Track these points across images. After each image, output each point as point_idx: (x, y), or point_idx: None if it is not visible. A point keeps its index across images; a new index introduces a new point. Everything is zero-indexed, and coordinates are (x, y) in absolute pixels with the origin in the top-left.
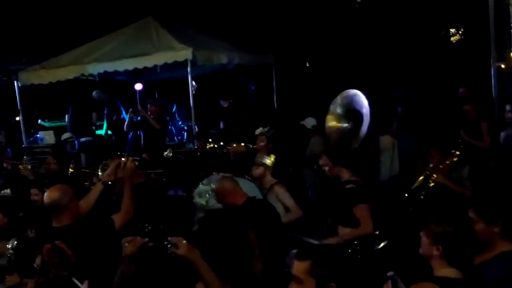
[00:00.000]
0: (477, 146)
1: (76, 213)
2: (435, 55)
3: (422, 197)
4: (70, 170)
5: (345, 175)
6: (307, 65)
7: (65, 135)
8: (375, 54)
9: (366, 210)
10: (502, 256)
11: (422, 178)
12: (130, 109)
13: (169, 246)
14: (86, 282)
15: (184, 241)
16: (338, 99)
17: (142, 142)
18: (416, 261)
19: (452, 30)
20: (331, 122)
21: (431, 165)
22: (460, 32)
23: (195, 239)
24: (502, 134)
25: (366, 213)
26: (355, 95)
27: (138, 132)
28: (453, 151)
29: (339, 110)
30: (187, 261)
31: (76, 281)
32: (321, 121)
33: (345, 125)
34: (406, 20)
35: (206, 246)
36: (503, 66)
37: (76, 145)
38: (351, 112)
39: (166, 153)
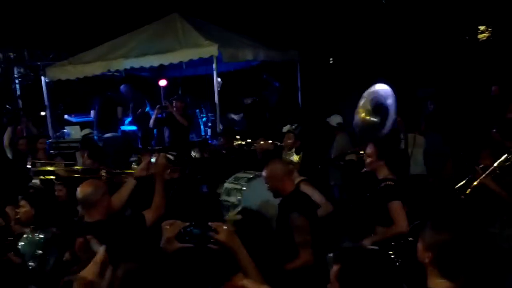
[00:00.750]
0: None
1: (108, 209)
2: (464, 53)
3: (462, 197)
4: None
5: (385, 171)
6: (331, 61)
7: (85, 131)
8: (401, 51)
9: (400, 208)
10: None
11: (469, 179)
12: (158, 106)
13: (209, 231)
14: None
15: (225, 227)
16: (365, 94)
17: (166, 138)
18: None
19: (482, 28)
20: (362, 115)
21: (481, 166)
22: (489, 30)
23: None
24: None
25: (400, 211)
26: (380, 89)
27: (163, 128)
28: (507, 155)
29: (368, 105)
30: (227, 248)
31: None
32: (346, 118)
33: (374, 119)
34: (434, 17)
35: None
36: None
37: (99, 141)
38: (379, 107)
39: (193, 154)
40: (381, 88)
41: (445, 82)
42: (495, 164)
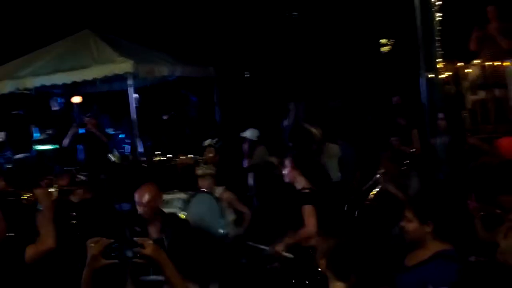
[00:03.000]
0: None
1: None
2: (368, 65)
3: (367, 202)
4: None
5: (302, 182)
6: (247, 75)
7: None
8: (311, 64)
9: (312, 211)
10: (439, 255)
11: (371, 184)
12: (74, 123)
13: (135, 246)
14: None
15: (150, 241)
16: None
17: (83, 156)
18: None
19: (383, 41)
20: None
21: (382, 171)
22: (391, 42)
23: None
24: (435, 140)
25: (311, 214)
26: None
27: (76, 147)
28: (404, 161)
29: None
30: (153, 262)
31: None
32: (263, 131)
33: None
34: (339, 32)
35: None
36: (431, 75)
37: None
38: None
39: (111, 157)
40: None
41: (353, 94)
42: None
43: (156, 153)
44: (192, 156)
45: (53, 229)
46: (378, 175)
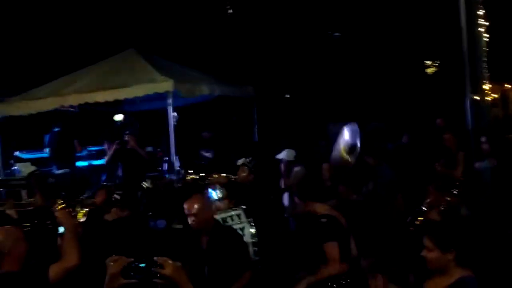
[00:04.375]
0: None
1: (21, 259)
2: (412, 87)
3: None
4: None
5: (319, 209)
6: (287, 96)
7: (30, 168)
8: (353, 85)
9: (335, 249)
10: (460, 283)
11: (416, 212)
12: (117, 141)
13: (155, 266)
14: None
15: (170, 261)
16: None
17: (121, 173)
18: None
19: (428, 62)
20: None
21: (428, 201)
22: (436, 64)
23: None
24: (477, 165)
25: (334, 252)
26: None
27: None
28: (453, 190)
29: (346, 147)
30: (173, 282)
31: None
32: (301, 152)
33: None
34: (383, 53)
35: None
36: (477, 98)
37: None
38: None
39: (146, 184)
40: (352, 130)
41: (396, 115)
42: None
43: (189, 171)
44: (225, 175)
45: (77, 247)
46: (423, 206)
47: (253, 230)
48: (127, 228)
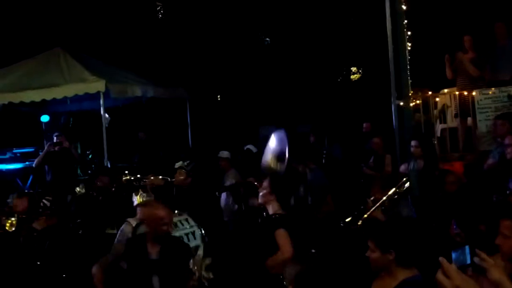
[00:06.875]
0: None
1: None
2: (338, 92)
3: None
4: None
5: (275, 206)
6: (219, 98)
7: None
8: (283, 89)
9: (285, 235)
10: (405, 283)
11: (360, 211)
12: (49, 143)
13: None
14: None
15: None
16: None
17: (50, 176)
18: None
19: (353, 69)
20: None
21: (372, 198)
22: (360, 71)
23: None
24: (402, 167)
25: (285, 238)
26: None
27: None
28: (395, 189)
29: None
30: None
31: None
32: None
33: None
34: (311, 58)
35: None
36: (402, 103)
37: None
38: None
39: (78, 189)
40: (279, 138)
41: (321, 119)
42: (384, 198)
43: (125, 172)
44: (162, 177)
45: None
46: (368, 202)
47: (203, 231)
48: (55, 237)
